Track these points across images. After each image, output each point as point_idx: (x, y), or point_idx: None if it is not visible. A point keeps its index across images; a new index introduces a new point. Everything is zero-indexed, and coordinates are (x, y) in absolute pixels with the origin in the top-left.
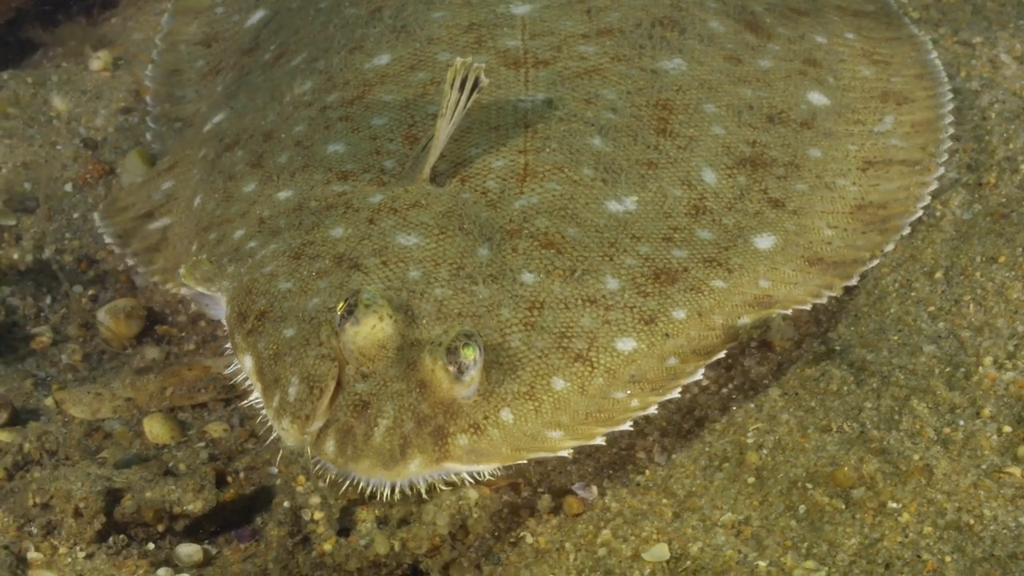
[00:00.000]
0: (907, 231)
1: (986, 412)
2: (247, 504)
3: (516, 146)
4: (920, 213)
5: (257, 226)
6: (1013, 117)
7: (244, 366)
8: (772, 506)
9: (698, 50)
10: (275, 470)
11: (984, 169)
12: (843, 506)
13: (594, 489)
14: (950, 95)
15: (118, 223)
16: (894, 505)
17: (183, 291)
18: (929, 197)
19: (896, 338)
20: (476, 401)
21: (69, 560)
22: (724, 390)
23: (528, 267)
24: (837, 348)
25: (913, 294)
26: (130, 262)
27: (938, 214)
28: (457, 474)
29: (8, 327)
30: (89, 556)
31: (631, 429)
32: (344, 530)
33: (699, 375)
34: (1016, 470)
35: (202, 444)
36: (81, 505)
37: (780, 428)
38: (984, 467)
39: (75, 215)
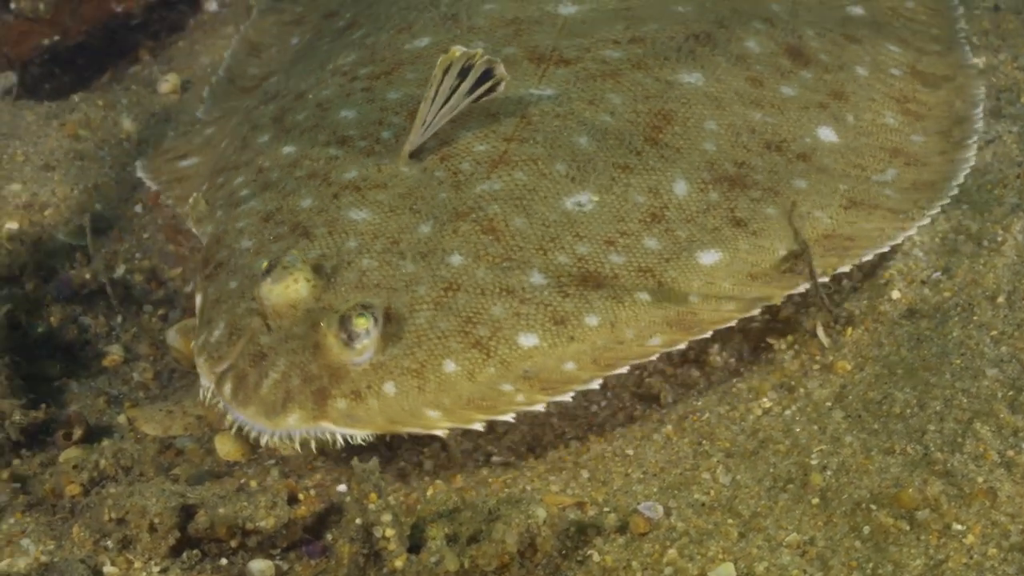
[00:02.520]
0: (867, 257)
1: None
2: (318, 521)
3: (504, 134)
4: (886, 248)
5: (255, 175)
6: None
7: (195, 305)
8: (837, 527)
9: (723, 68)
10: (344, 487)
11: None
12: (907, 527)
13: (660, 508)
14: (970, 163)
15: (155, 161)
16: (959, 527)
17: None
18: (902, 238)
19: (959, 362)
20: (365, 370)
21: (144, 574)
22: (787, 412)
23: (460, 249)
24: (900, 371)
25: (975, 318)
26: (153, 187)
27: (999, 239)
28: (332, 434)
29: (81, 345)
30: (163, 571)
31: (692, 450)
32: (415, 547)
33: (595, 385)
34: None
35: (272, 462)
36: (156, 520)
37: (844, 450)
38: None
39: (145, 235)
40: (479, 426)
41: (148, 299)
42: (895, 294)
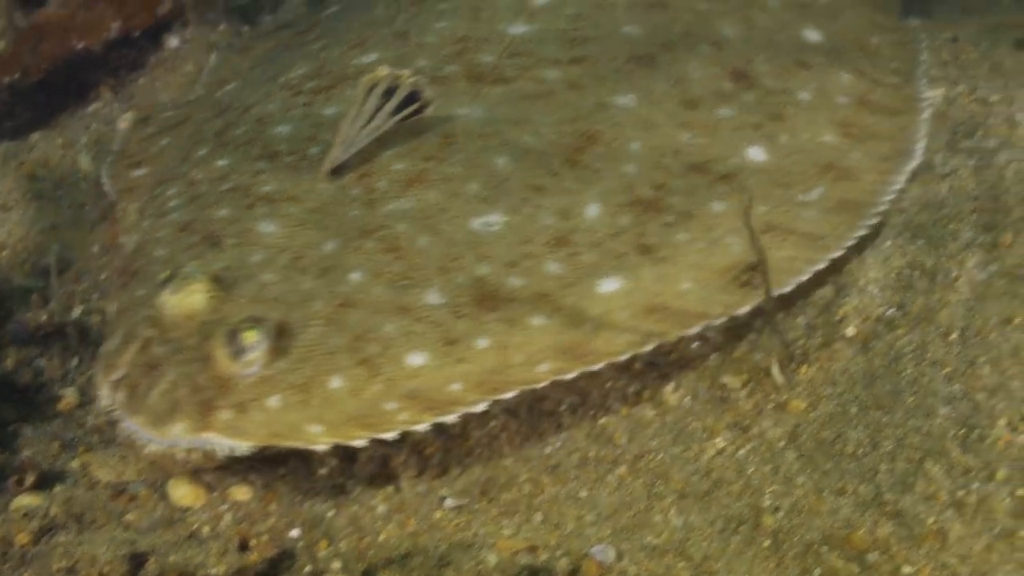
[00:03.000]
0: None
1: (1000, 475)
2: (270, 567)
3: (425, 153)
4: (787, 289)
5: (186, 187)
6: None
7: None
8: (788, 570)
9: (659, 91)
10: (297, 532)
11: (1000, 229)
12: (858, 570)
13: (612, 552)
14: (899, 185)
15: (116, 167)
16: (908, 569)
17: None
18: (806, 276)
19: (912, 400)
20: (252, 383)
21: None
22: (741, 452)
23: (360, 267)
24: (853, 410)
25: (929, 355)
26: (111, 194)
27: (954, 275)
28: (216, 445)
29: (36, 389)
30: None
31: (645, 492)
32: None
33: (480, 408)
34: None
35: (226, 507)
36: (106, 570)
37: (796, 491)
38: (997, 531)
39: (102, 276)
40: (361, 443)
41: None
42: (850, 331)
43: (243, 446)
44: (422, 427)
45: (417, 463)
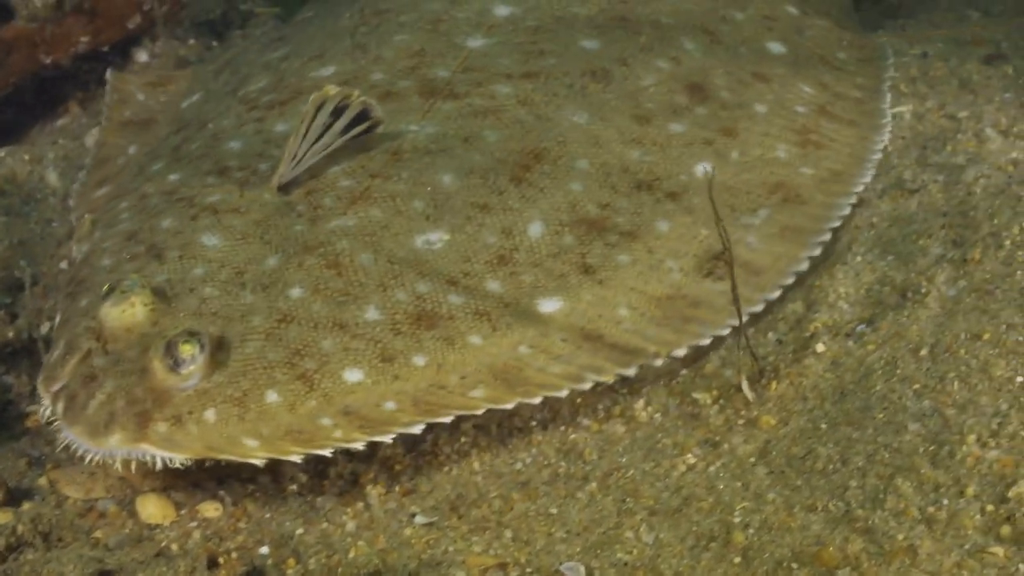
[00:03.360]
0: (703, 341)
1: (970, 491)
2: None
3: (372, 170)
4: (724, 333)
5: (137, 200)
6: (998, 192)
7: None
8: None
9: (610, 106)
10: (266, 550)
11: (969, 245)
12: None
13: (582, 569)
14: (846, 209)
15: (82, 188)
16: None
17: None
18: (742, 320)
19: (881, 416)
20: (189, 395)
21: None
22: (711, 468)
23: (301, 283)
24: (823, 426)
25: (899, 371)
26: (74, 215)
27: (923, 291)
28: (152, 456)
29: (3, 406)
30: None
31: (616, 508)
32: None
33: (416, 429)
34: (999, 550)
35: (195, 524)
36: None
37: (767, 507)
38: (967, 547)
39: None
40: (295, 458)
41: None
42: (820, 347)
43: (178, 458)
44: (357, 445)
45: (387, 479)
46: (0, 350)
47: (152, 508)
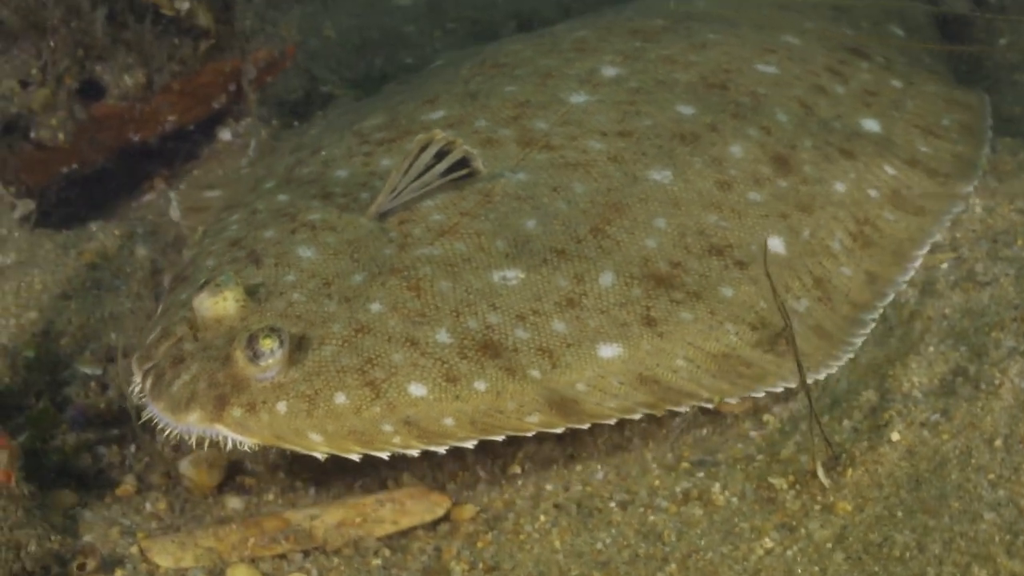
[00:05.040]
0: (757, 393)
1: None
2: None
3: (463, 208)
4: (762, 394)
5: (248, 214)
6: None
7: None
8: None
9: (695, 169)
10: None
11: None
12: None
13: None
14: (869, 327)
15: (186, 191)
16: None
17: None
18: (788, 387)
19: (957, 505)
20: (265, 386)
21: None
22: (789, 552)
23: (382, 299)
24: (900, 513)
25: (973, 461)
26: (174, 214)
27: (997, 382)
28: (225, 438)
29: (95, 474)
30: None
31: None
32: None
33: (469, 444)
34: None
35: None
36: None
37: None
38: None
39: None
40: (355, 457)
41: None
42: (895, 436)
43: (248, 442)
44: (412, 452)
45: (470, 556)
46: (92, 420)
47: None
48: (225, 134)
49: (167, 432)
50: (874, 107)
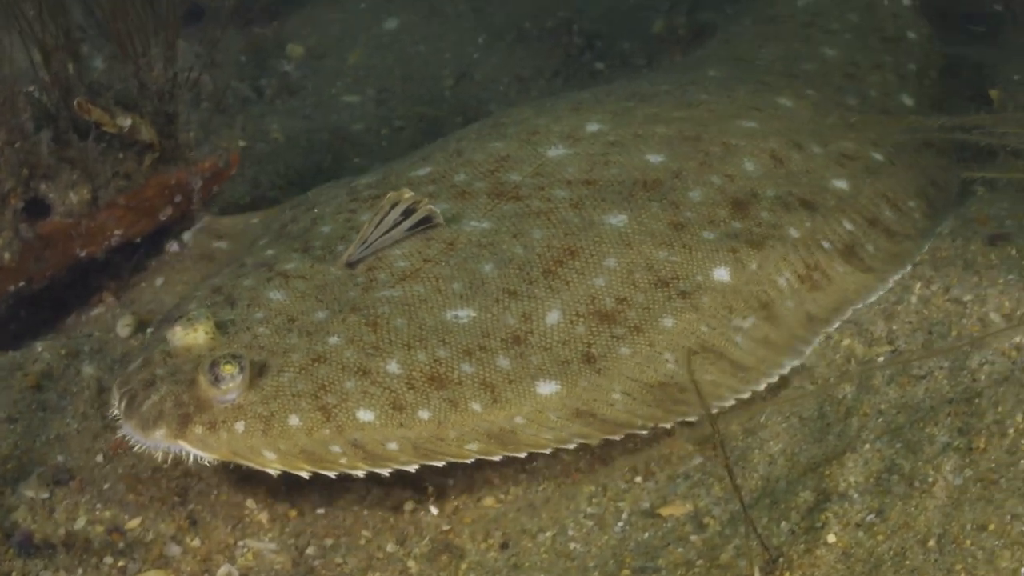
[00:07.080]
0: (690, 418)
1: None
2: None
3: (427, 256)
4: (713, 412)
5: (236, 268)
6: (1002, 379)
7: None
8: None
9: (650, 212)
10: None
11: (974, 433)
12: None
13: None
14: (803, 354)
15: (200, 234)
16: None
17: None
18: (728, 405)
19: None
20: (226, 408)
21: None
22: None
23: (340, 333)
24: None
25: (907, 563)
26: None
27: (930, 479)
28: (187, 453)
29: None
30: None
31: None
32: None
33: (411, 468)
34: None
35: None
36: None
37: None
38: None
39: (105, 486)
40: (304, 475)
41: (109, 551)
42: (831, 537)
43: (208, 457)
44: (358, 473)
45: None
46: (38, 545)
47: None
48: (172, 246)
49: (136, 448)
50: (848, 169)
